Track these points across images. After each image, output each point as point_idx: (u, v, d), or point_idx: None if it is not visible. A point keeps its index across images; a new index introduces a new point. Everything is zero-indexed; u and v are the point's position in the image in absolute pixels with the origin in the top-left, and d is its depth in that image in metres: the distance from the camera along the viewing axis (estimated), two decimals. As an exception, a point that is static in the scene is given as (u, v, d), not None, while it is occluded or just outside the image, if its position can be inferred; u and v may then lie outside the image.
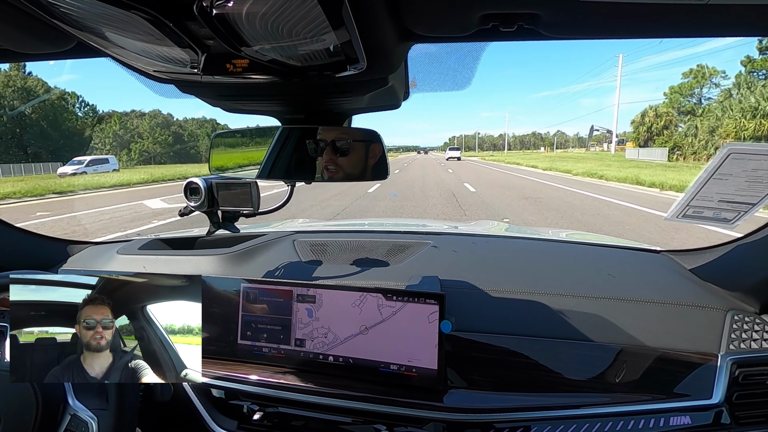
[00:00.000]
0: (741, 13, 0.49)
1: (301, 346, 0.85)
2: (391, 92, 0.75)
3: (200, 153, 64.72)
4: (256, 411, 0.83)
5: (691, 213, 0.79)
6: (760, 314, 0.85)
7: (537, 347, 0.83)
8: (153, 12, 0.43)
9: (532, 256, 1.19)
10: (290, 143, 0.82)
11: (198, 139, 68.97)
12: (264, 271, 1.10)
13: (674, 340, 0.83)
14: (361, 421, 0.80)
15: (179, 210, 1.18)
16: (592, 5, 0.48)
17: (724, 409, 0.77)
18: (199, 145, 67.47)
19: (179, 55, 0.54)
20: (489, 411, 0.77)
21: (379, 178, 0.78)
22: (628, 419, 0.76)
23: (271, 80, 0.62)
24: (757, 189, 0.71)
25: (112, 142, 53.14)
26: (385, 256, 1.18)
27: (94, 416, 0.69)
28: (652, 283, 0.97)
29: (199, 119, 76.37)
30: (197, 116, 77.78)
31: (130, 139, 56.27)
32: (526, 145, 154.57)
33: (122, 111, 63.68)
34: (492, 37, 0.60)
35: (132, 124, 59.17)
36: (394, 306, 0.80)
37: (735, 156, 0.69)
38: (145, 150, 56.16)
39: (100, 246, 1.36)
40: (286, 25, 0.46)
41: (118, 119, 55.82)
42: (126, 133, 56.14)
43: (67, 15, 0.47)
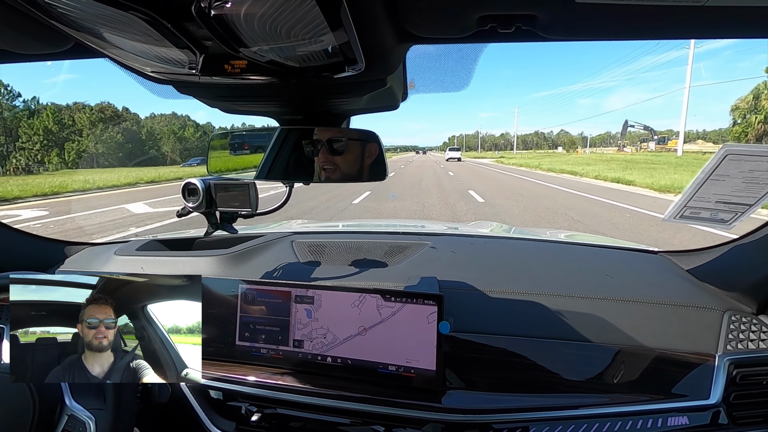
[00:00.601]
0: (739, 15, 0.49)
1: (299, 347, 0.85)
2: (390, 93, 0.76)
3: (165, 155, 56.83)
4: (255, 412, 0.83)
5: (689, 214, 0.79)
6: (757, 314, 0.86)
7: (535, 348, 0.83)
8: (151, 13, 0.43)
9: (531, 256, 1.19)
10: (288, 144, 0.82)
11: (160, 138, 60.09)
12: (262, 272, 1.10)
13: (672, 340, 0.83)
14: (360, 423, 0.80)
15: (177, 211, 1.18)
16: (589, 7, 0.48)
17: (722, 409, 0.77)
18: (161, 146, 59.21)
19: (177, 55, 0.54)
20: (487, 412, 0.77)
21: (377, 178, 0.78)
22: (626, 419, 0.76)
23: (270, 81, 0.62)
24: (753, 190, 0.71)
25: (42, 140, 45.20)
26: (384, 256, 1.18)
27: (91, 416, 0.69)
28: (650, 283, 0.98)
29: (168, 115, 66.35)
30: (166, 112, 68.49)
31: (66, 137, 47.50)
32: (529, 144, 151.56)
33: (64, 104, 52.94)
34: (490, 38, 0.60)
35: (69, 120, 50.16)
36: (393, 307, 0.80)
37: (732, 157, 0.69)
38: (83, 150, 48.24)
39: (97, 247, 1.35)
40: (285, 26, 0.46)
41: (51, 113, 47.22)
42: (62, 129, 47.34)
43: (64, 15, 0.46)
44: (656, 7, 0.47)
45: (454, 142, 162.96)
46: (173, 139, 61.15)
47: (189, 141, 62.66)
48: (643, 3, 0.46)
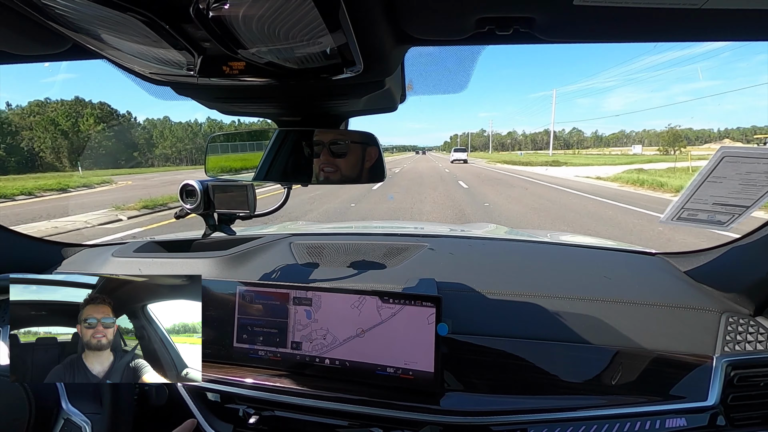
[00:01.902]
0: (737, 17, 0.50)
1: (297, 349, 0.84)
2: (388, 95, 0.76)
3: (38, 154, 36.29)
4: (252, 414, 0.83)
5: (686, 216, 0.79)
6: (754, 316, 0.86)
7: (534, 349, 0.83)
8: (149, 14, 0.43)
9: (529, 258, 1.20)
10: (287, 145, 0.82)
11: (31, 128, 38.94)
12: (260, 273, 1.10)
13: (670, 342, 0.83)
14: (358, 425, 0.79)
15: (175, 213, 1.18)
16: (587, 10, 0.48)
17: (720, 411, 0.77)
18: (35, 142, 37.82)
19: (175, 57, 0.54)
20: (486, 414, 0.77)
21: (376, 180, 0.79)
22: (624, 421, 0.76)
23: (268, 83, 0.62)
24: (750, 192, 0.71)
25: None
26: (382, 258, 1.17)
27: (87, 420, 0.68)
28: (648, 285, 0.98)
29: (70, 102, 42.45)
30: (67, 97, 44.32)
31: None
32: (539, 144, 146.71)
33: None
34: (488, 40, 0.60)
35: None
36: (391, 309, 0.80)
37: (729, 159, 0.70)
38: None
39: (95, 249, 1.35)
40: (283, 28, 0.46)
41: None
42: None
43: (61, 16, 0.46)
44: (654, 10, 0.47)
45: (457, 142, 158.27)
46: (46, 135, 40.16)
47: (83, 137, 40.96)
48: (641, 5, 0.46)
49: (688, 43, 0.95)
